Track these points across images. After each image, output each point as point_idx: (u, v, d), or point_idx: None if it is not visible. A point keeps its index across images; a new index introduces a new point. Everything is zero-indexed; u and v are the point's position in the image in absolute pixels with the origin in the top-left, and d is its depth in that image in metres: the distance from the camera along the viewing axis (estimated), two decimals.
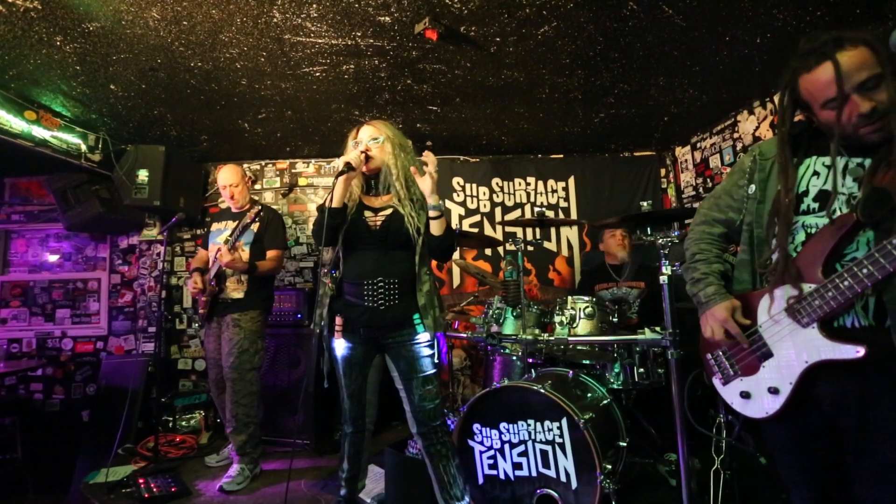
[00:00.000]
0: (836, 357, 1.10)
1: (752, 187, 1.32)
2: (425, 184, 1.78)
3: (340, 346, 1.91)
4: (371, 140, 1.88)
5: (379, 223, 1.86)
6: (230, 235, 2.66)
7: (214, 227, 2.91)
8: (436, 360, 1.89)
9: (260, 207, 2.73)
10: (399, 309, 1.84)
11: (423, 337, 1.85)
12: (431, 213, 1.81)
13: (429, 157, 1.79)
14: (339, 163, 1.78)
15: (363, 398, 1.96)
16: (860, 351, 1.06)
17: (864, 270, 1.04)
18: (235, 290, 2.74)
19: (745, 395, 1.28)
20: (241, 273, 2.70)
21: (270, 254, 2.79)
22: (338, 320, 1.88)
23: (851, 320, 1.12)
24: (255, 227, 2.76)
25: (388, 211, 1.88)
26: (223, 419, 2.81)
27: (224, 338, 2.70)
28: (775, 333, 1.21)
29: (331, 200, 1.82)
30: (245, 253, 2.74)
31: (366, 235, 1.86)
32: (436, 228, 1.82)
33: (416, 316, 1.86)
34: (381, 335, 1.88)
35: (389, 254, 1.85)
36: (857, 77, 1.06)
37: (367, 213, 1.88)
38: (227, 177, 2.85)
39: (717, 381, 1.36)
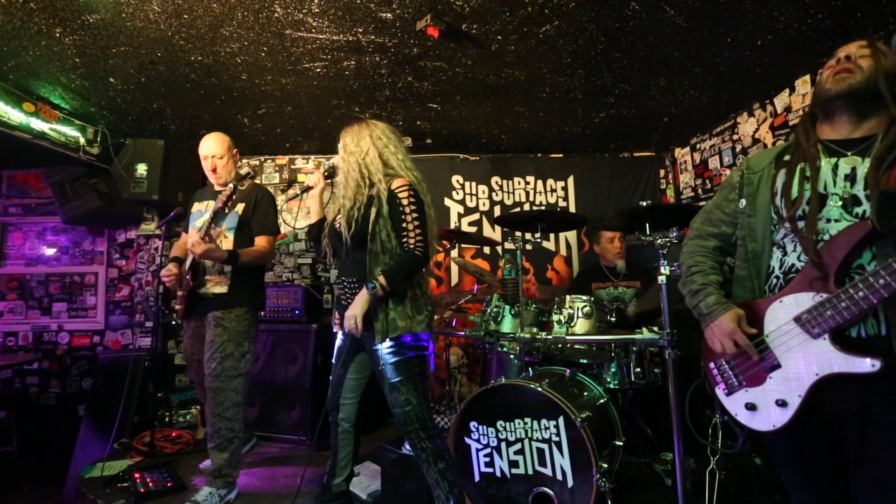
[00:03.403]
0: (849, 370, 1.07)
1: (743, 202, 1.31)
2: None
3: (339, 337, 2.03)
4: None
5: (339, 227, 1.93)
6: (209, 219, 2.27)
7: (195, 207, 2.54)
8: (396, 371, 1.78)
9: (234, 186, 2.30)
10: None
11: (385, 343, 1.78)
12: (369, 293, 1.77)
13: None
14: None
15: (340, 389, 1.99)
16: (876, 364, 1.03)
17: (882, 281, 1.01)
18: (217, 283, 2.36)
19: (751, 407, 1.24)
20: (223, 263, 2.32)
21: (259, 241, 2.40)
22: (335, 315, 2.01)
23: (858, 330, 1.10)
24: (239, 208, 2.38)
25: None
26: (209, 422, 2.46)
27: (206, 339, 2.34)
28: (783, 344, 1.18)
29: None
30: (228, 240, 2.37)
31: (335, 239, 1.98)
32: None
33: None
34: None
35: (350, 254, 1.92)
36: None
37: (339, 218, 1.95)
38: (209, 146, 2.42)
39: (720, 392, 1.32)
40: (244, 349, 2.36)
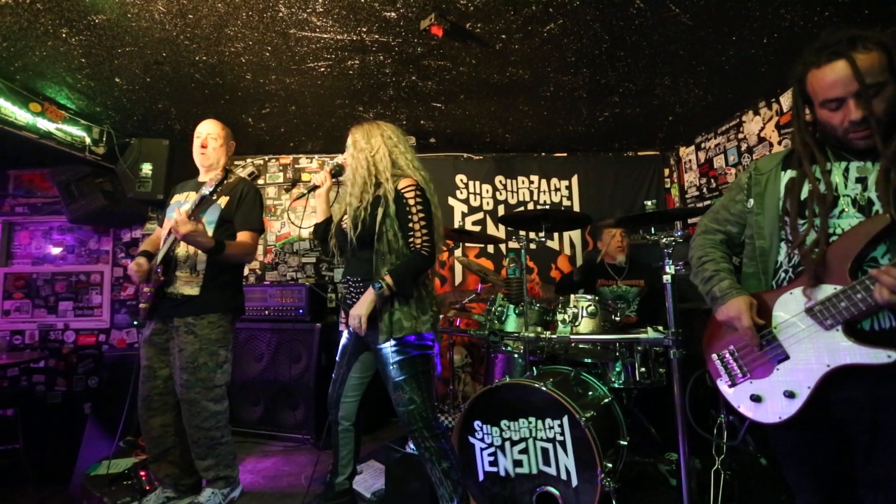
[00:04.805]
0: (863, 362, 1.05)
1: (751, 202, 1.32)
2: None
3: (344, 336, 2.03)
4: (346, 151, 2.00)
5: (345, 226, 1.93)
6: (194, 206, 2.06)
7: (175, 199, 2.32)
8: (400, 370, 1.78)
9: (224, 175, 2.11)
10: None
11: (389, 342, 1.79)
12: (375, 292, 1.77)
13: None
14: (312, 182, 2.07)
15: (342, 387, 1.99)
16: (892, 356, 1.02)
17: None
18: (188, 283, 2.14)
19: (756, 399, 1.22)
20: (206, 252, 2.09)
21: (242, 236, 2.20)
22: (342, 314, 2.01)
23: (871, 323, 1.09)
24: (223, 201, 2.19)
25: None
26: (147, 447, 2.24)
27: (173, 346, 2.12)
28: (792, 335, 1.17)
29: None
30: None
31: (341, 239, 1.95)
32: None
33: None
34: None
35: (357, 253, 1.90)
36: (860, 82, 1.05)
37: (346, 217, 1.94)
38: (206, 126, 2.29)
39: (722, 385, 1.31)
40: (220, 358, 2.15)
